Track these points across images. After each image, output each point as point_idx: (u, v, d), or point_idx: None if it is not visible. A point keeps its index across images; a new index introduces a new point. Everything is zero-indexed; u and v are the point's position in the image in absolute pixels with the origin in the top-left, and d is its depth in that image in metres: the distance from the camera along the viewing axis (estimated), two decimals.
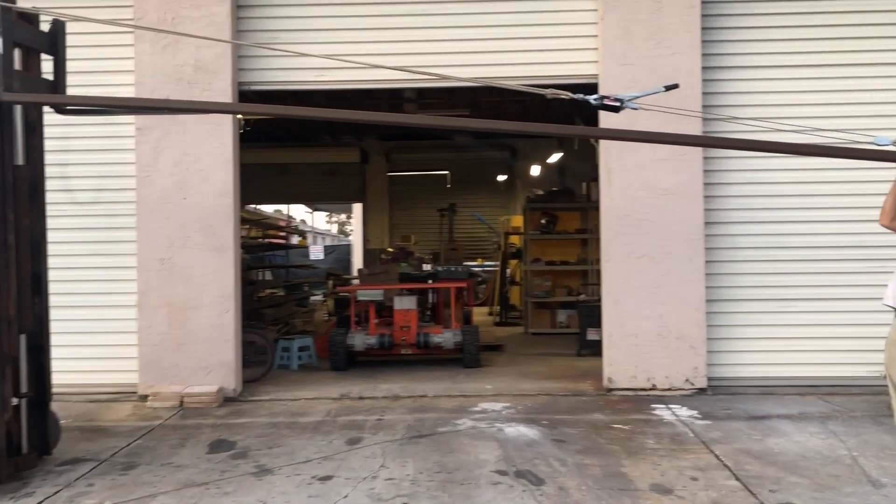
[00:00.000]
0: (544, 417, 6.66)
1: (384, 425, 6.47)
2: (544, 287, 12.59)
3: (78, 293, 7.48)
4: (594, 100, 4.82)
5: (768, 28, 7.61)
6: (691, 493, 4.80)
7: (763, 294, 7.60)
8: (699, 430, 6.23)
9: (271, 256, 14.01)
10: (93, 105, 5.67)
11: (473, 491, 4.85)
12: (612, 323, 7.51)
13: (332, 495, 4.80)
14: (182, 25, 7.44)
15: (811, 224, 7.52)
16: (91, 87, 7.09)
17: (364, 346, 9.18)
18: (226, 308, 7.58)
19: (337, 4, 7.81)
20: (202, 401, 7.28)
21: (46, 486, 5.06)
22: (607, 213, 7.50)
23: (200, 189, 7.53)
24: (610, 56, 7.46)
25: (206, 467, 5.44)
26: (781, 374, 7.54)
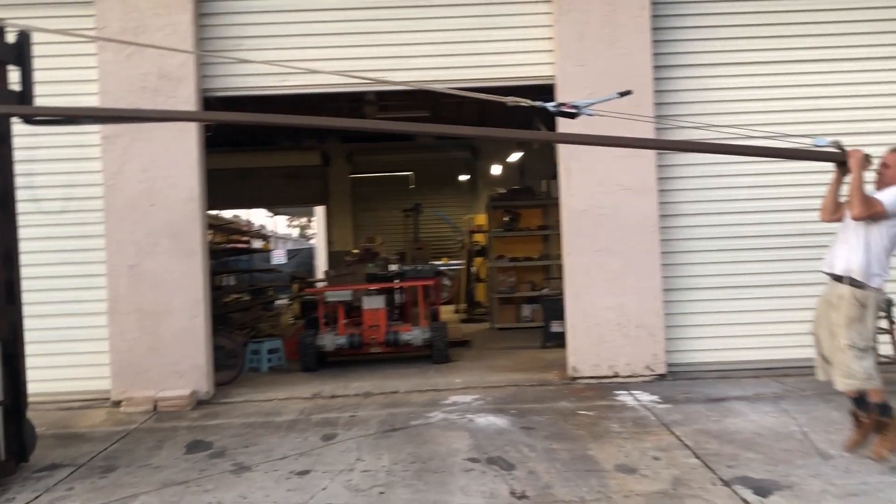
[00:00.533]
0: (513, 407, 6.89)
1: (357, 421, 6.64)
2: (509, 283, 12.83)
3: (48, 302, 7.53)
4: (552, 107, 5.06)
5: (716, 27, 7.95)
6: (654, 471, 5.06)
7: (717, 283, 7.93)
8: (660, 413, 6.51)
9: (235, 261, 14.04)
10: (61, 115, 5.75)
11: (447, 478, 5.05)
12: (575, 314, 7.77)
13: (311, 488, 4.97)
14: (145, 34, 7.52)
15: (761, 214, 7.85)
16: (55, 97, 7.12)
17: (334, 346, 9.31)
18: (196, 312, 7.67)
19: (298, 11, 7.92)
20: (176, 404, 7.37)
21: (26, 492, 5.14)
22: (567, 209, 7.76)
23: (168, 195, 7.61)
24: (565, 57, 7.71)
25: (185, 467, 5.56)
26: (737, 358, 7.87)
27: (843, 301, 4.97)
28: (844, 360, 4.94)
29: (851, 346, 4.91)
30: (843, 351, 4.94)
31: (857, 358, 4.91)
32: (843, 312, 4.97)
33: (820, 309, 5.25)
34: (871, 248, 4.93)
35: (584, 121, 5.97)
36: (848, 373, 4.96)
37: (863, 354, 4.92)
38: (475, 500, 4.64)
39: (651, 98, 7.65)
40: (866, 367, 4.93)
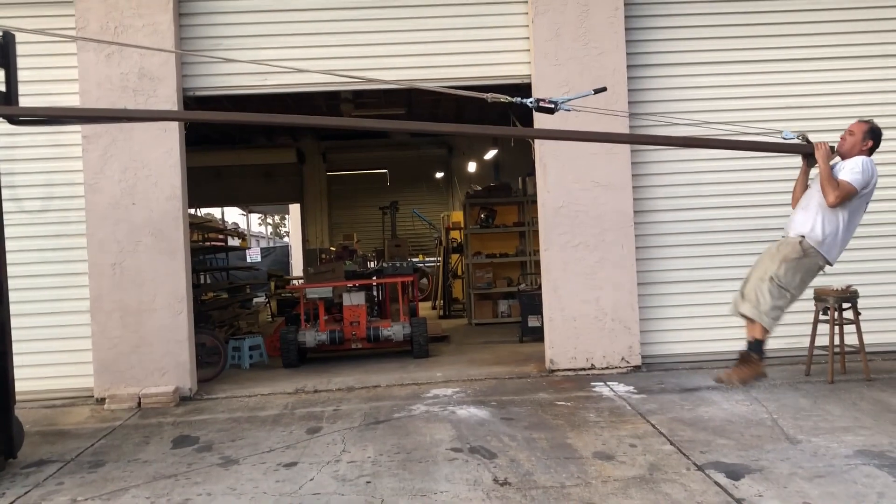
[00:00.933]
0: (493, 399, 7.06)
1: (342, 414, 6.77)
2: (486, 279, 13.02)
3: (30, 301, 7.57)
4: (531, 102, 5.23)
5: (686, 27, 8.18)
6: (631, 458, 5.25)
7: (690, 276, 8.17)
8: (636, 403, 6.72)
9: (212, 259, 14.06)
10: (46, 115, 5.80)
11: (432, 467, 5.20)
12: (553, 308, 7.96)
13: (298, 479, 5.09)
14: (125, 34, 7.58)
15: (732, 209, 8.10)
16: (36, 97, 7.21)
17: (315, 343, 9.43)
18: (178, 310, 7.75)
19: (277, 11, 8.02)
20: (160, 401, 7.45)
21: (16, 487, 5.21)
22: (544, 205, 7.94)
23: (149, 194, 7.67)
24: (542, 57, 7.89)
25: (173, 461, 5.65)
26: (710, 349, 8.09)
27: (787, 244, 5.25)
28: (761, 289, 5.15)
29: (773, 278, 5.14)
30: (763, 280, 5.16)
31: (771, 293, 5.13)
32: (782, 252, 5.22)
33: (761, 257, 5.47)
34: (828, 218, 5.19)
35: (560, 118, 6.18)
36: (757, 302, 5.18)
37: (778, 293, 5.15)
38: (459, 488, 4.80)
39: (625, 96, 7.86)
40: (774, 305, 5.16)
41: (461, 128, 6.86)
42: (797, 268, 5.18)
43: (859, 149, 5.31)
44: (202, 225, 13.80)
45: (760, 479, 4.73)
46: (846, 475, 4.73)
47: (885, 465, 4.85)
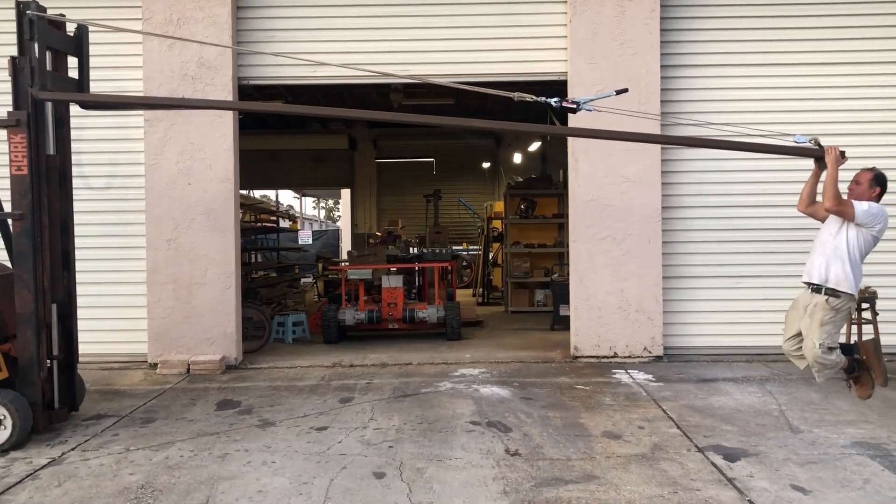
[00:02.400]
0: (516, 380, 7.45)
1: (373, 387, 7.24)
2: (523, 268, 13.35)
3: (92, 271, 8.12)
4: (554, 102, 5.55)
5: (720, 30, 8.38)
6: (637, 438, 5.60)
7: (714, 272, 8.40)
8: (652, 390, 7.04)
9: (264, 239, 14.68)
10: (114, 102, 6.36)
11: (450, 437, 5.63)
12: (579, 297, 8.29)
13: (328, 441, 5.57)
14: (187, 25, 8.13)
15: (758, 209, 8.29)
16: (103, 83, 7.72)
17: (354, 321, 9.92)
18: (227, 284, 8.29)
19: (329, 6, 8.46)
20: (207, 368, 8.02)
21: (77, 436, 5.81)
22: (574, 198, 8.26)
23: (204, 175, 8.22)
24: (578, 55, 8.19)
25: (216, 421, 6.19)
26: (731, 343, 8.36)
27: (817, 308, 5.38)
28: (819, 356, 5.34)
29: (822, 345, 5.33)
30: (815, 349, 5.35)
31: (826, 354, 5.34)
32: (816, 317, 5.37)
33: (790, 312, 5.68)
34: (845, 257, 5.34)
35: (593, 116, 6.48)
36: (822, 367, 5.41)
37: (830, 351, 5.36)
38: (473, 456, 5.21)
39: (658, 95, 8.12)
40: (834, 359, 5.39)
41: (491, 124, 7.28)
42: (835, 323, 5.38)
43: (868, 196, 5.40)
44: (254, 206, 14.41)
45: (756, 462, 5.04)
46: (837, 462, 5.01)
47: (878, 456, 5.11)
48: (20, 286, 5.64)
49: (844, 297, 5.36)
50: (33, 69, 5.57)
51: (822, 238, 5.50)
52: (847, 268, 5.34)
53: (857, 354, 5.65)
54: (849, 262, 5.34)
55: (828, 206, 5.31)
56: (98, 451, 5.43)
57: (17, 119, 5.56)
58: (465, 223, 21.31)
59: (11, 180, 5.62)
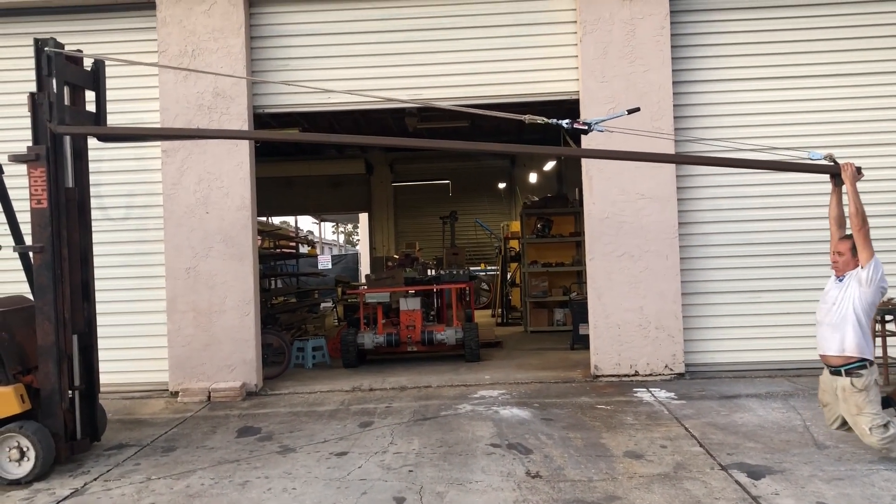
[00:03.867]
0: (536, 401, 7.40)
1: (392, 411, 7.22)
2: (541, 288, 13.31)
3: (112, 301, 8.21)
4: (566, 124, 5.56)
5: (731, 45, 8.38)
6: (659, 457, 5.54)
7: (734, 287, 8.33)
8: (674, 408, 6.96)
9: (283, 265, 14.76)
10: (131, 134, 6.45)
11: (470, 460, 5.60)
12: (598, 316, 8.24)
13: (348, 466, 5.56)
14: (202, 56, 8.25)
15: (775, 222, 8.24)
16: (120, 115, 7.81)
17: (373, 345, 9.92)
18: (246, 311, 8.34)
19: (340, 34, 8.56)
20: (227, 395, 8.05)
21: (99, 466, 5.84)
22: (590, 216, 8.24)
23: (221, 204, 8.30)
24: (589, 74, 8.21)
25: (237, 448, 6.20)
26: (753, 359, 8.27)
27: (847, 393, 5.20)
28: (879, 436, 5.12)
29: (872, 430, 5.12)
30: (870, 435, 5.14)
31: (882, 432, 5.12)
32: (851, 403, 5.19)
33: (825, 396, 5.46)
34: (853, 321, 5.17)
35: (607, 136, 6.48)
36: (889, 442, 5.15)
37: (885, 428, 5.13)
38: (493, 479, 5.18)
39: (671, 111, 8.12)
40: (893, 432, 5.13)
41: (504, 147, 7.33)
42: (872, 402, 5.17)
43: (854, 264, 5.25)
44: (273, 232, 14.51)
45: (781, 479, 4.97)
46: (865, 479, 4.92)
47: None
48: (41, 318, 5.71)
49: (866, 372, 5.16)
50: (52, 104, 5.68)
51: (826, 308, 5.33)
52: (859, 332, 5.16)
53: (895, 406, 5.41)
54: (859, 325, 5.17)
55: (858, 227, 5.17)
56: (120, 481, 5.45)
57: (37, 153, 5.66)
58: (483, 244, 21.32)
59: (32, 213, 5.71)
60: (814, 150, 5.49)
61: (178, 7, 8.28)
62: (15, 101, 7.92)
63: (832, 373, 5.31)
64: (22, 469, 5.48)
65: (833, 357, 5.27)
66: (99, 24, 8.53)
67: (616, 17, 8.17)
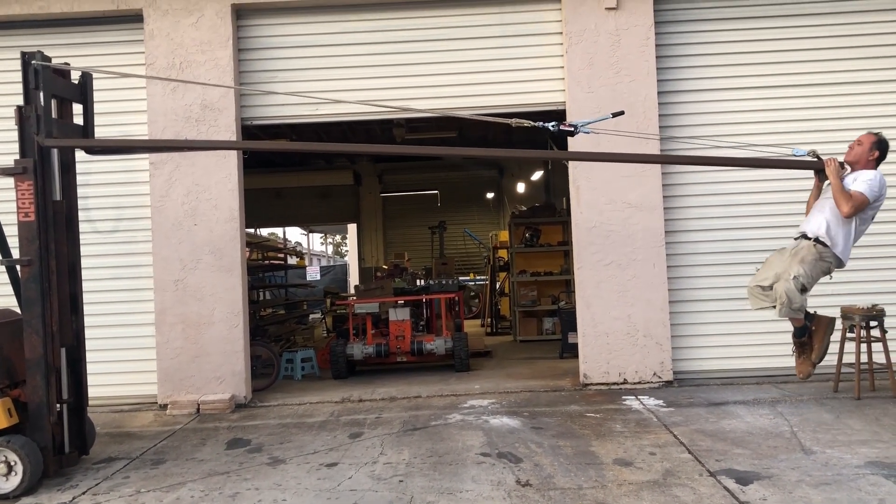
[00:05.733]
0: (526, 410, 7.42)
1: (382, 422, 7.22)
2: (530, 297, 13.35)
3: (100, 314, 8.13)
4: (552, 126, 5.61)
5: (715, 55, 8.44)
6: (648, 464, 5.56)
7: (721, 294, 8.36)
8: (662, 415, 7.00)
9: (271, 277, 14.74)
10: (119, 146, 6.46)
11: (461, 469, 5.61)
12: (586, 324, 8.28)
13: (338, 477, 5.56)
14: (189, 69, 8.26)
15: (762, 229, 8.24)
16: (108, 128, 7.81)
17: (363, 355, 9.92)
18: (235, 323, 8.32)
19: (328, 45, 8.58)
20: (216, 407, 8.02)
21: (88, 480, 5.81)
22: (577, 225, 8.29)
23: (210, 216, 8.29)
24: (575, 85, 8.27)
25: (226, 460, 6.19)
26: (740, 366, 8.32)
27: (803, 248, 5.55)
28: (789, 289, 5.41)
29: (796, 277, 5.41)
30: (789, 280, 5.42)
31: (797, 289, 5.41)
32: (798, 256, 5.52)
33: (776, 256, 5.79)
34: (842, 222, 5.47)
35: (592, 141, 6.54)
36: (789, 301, 5.45)
37: (802, 290, 5.45)
38: (484, 487, 5.19)
39: (656, 120, 8.18)
40: (801, 301, 5.48)
41: (490, 152, 7.34)
42: (815, 265, 5.50)
43: (866, 159, 5.57)
44: (261, 244, 14.49)
45: (768, 485, 5.01)
46: (852, 483, 4.96)
47: (893, 475, 5.06)
48: (29, 331, 5.68)
49: (833, 255, 5.49)
50: (39, 117, 5.67)
51: (826, 204, 5.59)
52: (842, 233, 5.48)
53: (809, 323, 5.74)
54: (844, 228, 5.48)
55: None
56: (109, 495, 5.43)
57: (24, 167, 5.65)
58: (472, 253, 21.36)
59: (19, 227, 5.69)
60: (797, 147, 5.58)
61: (166, 20, 8.30)
62: (2, 115, 7.90)
63: (802, 237, 5.62)
64: (10, 484, 5.44)
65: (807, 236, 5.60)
66: (86, 38, 8.53)
67: (601, 28, 8.25)
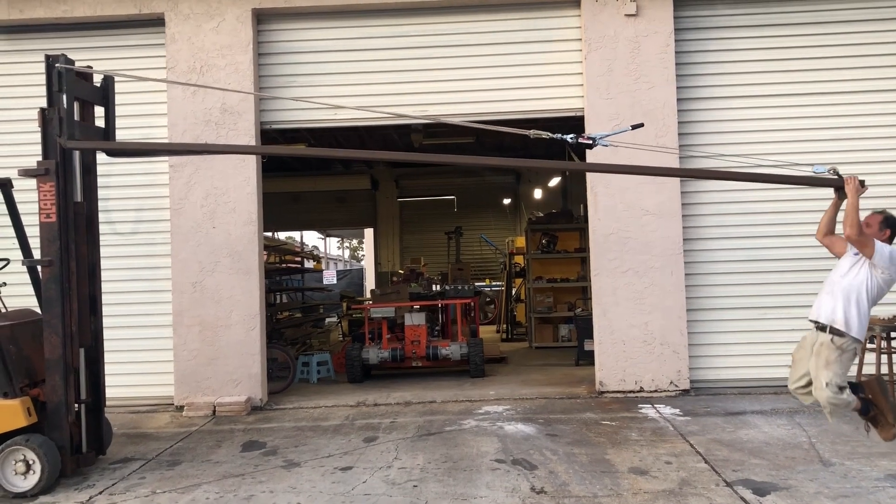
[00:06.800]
0: (541, 417, 7.39)
1: (397, 426, 7.22)
2: (546, 303, 13.31)
3: (119, 315, 8.22)
4: (570, 139, 5.59)
5: (735, 62, 8.41)
6: (664, 473, 5.53)
7: (740, 303, 8.31)
8: (679, 424, 6.95)
9: (288, 280, 14.79)
10: (139, 149, 6.51)
11: (475, 475, 5.60)
12: (603, 331, 8.25)
13: (352, 481, 5.57)
14: (210, 72, 8.33)
15: (781, 238, 8.23)
16: (129, 130, 7.92)
17: (378, 360, 9.93)
18: (252, 326, 8.36)
19: (346, 50, 8.63)
20: (232, 409, 8.05)
21: (104, 480, 5.85)
22: (595, 232, 8.26)
23: (228, 219, 8.34)
24: (594, 91, 8.26)
25: (242, 463, 6.21)
26: (758, 375, 8.23)
27: (823, 347, 5.28)
28: (829, 396, 5.21)
29: (829, 384, 5.20)
30: (824, 389, 5.22)
31: (836, 393, 5.21)
32: (822, 356, 5.27)
33: (801, 352, 5.55)
34: (853, 298, 5.22)
35: (611, 151, 6.50)
36: (834, 407, 5.27)
37: (840, 390, 5.23)
38: (498, 494, 5.17)
39: (675, 128, 8.15)
40: (845, 398, 5.26)
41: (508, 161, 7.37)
42: (842, 363, 5.25)
43: (880, 240, 5.28)
44: (279, 247, 14.55)
45: (786, 496, 4.96)
46: (871, 496, 4.91)
47: None
48: (49, 331, 5.74)
49: (850, 338, 5.23)
50: (62, 119, 5.73)
51: (833, 279, 5.39)
52: (854, 310, 5.21)
53: (863, 394, 5.45)
54: (856, 304, 5.21)
55: (848, 234, 5.20)
56: (125, 495, 5.47)
57: (46, 168, 5.71)
58: (488, 259, 21.33)
59: (40, 227, 5.76)
60: (817, 164, 5.51)
61: (187, 24, 8.37)
62: (25, 117, 7.97)
63: (818, 328, 5.38)
64: (28, 482, 5.49)
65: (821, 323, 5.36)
66: (109, 41, 8.63)
67: (621, 34, 8.23)
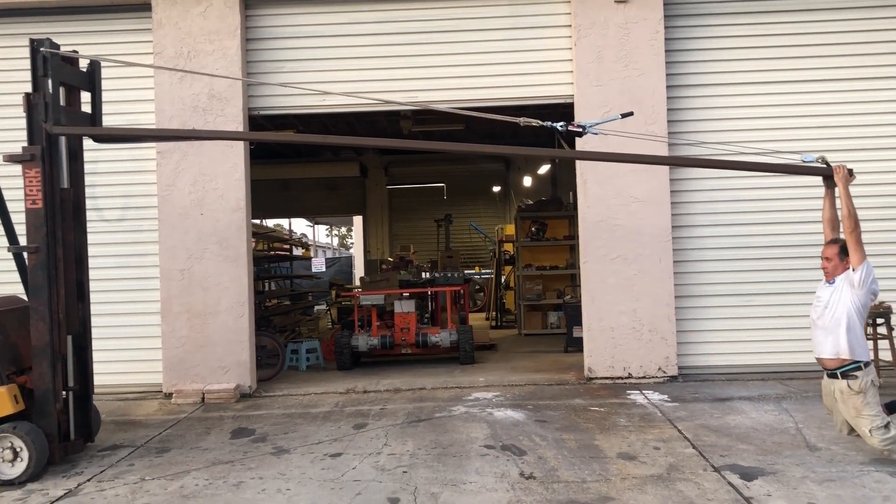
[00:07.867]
0: (530, 403, 7.42)
1: (387, 413, 7.23)
2: (536, 290, 13.33)
3: (107, 302, 8.19)
4: (560, 126, 5.59)
5: (725, 49, 8.43)
6: (652, 459, 5.56)
7: (728, 290, 8.36)
8: (667, 410, 6.99)
9: (277, 268, 14.74)
10: (126, 135, 6.46)
11: (464, 461, 5.61)
12: (591, 318, 8.27)
13: (342, 467, 5.57)
14: (197, 58, 8.26)
15: (769, 226, 8.27)
16: (116, 116, 7.83)
17: (367, 347, 9.93)
18: (240, 313, 8.33)
19: (335, 35, 8.57)
20: (221, 397, 8.04)
21: (93, 467, 5.83)
22: (584, 219, 8.27)
23: (216, 205, 8.29)
24: (584, 78, 8.24)
25: (231, 449, 6.20)
26: (746, 362, 8.30)
27: (845, 396, 5.22)
28: (880, 439, 5.12)
29: (872, 430, 5.13)
30: (871, 437, 5.15)
31: (883, 434, 5.11)
32: (850, 406, 5.20)
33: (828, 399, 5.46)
34: (845, 324, 5.18)
35: (601, 138, 6.51)
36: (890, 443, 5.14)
37: (886, 429, 5.12)
38: (488, 479, 5.19)
39: (664, 115, 8.15)
40: (894, 434, 5.12)
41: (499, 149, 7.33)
42: (870, 403, 5.16)
43: (843, 268, 5.26)
44: (267, 235, 14.49)
45: (773, 480, 5.00)
46: (856, 480, 4.96)
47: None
48: (36, 318, 5.70)
49: (862, 373, 5.16)
50: (47, 105, 5.68)
51: (818, 311, 5.33)
52: (852, 334, 5.17)
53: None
54: (851, 328, 5.18)
55: (850, 229, 5.17)
56: (113, 482, 5.45)
57: (32, 154, 5.66)
58: (477, 247, 21.35)
59: (27, 214, 5.71)
60: (806, 153, 5.52)
61: (174, 9, 8.29)
62: (10, 102, 7.89)
63: (829, 376, 5.34)
64: (15, 470, 5.47)
65: (828, 360, 5.29)
66: (95, 26, 8.54)
67: (611, 21, 8.21)
